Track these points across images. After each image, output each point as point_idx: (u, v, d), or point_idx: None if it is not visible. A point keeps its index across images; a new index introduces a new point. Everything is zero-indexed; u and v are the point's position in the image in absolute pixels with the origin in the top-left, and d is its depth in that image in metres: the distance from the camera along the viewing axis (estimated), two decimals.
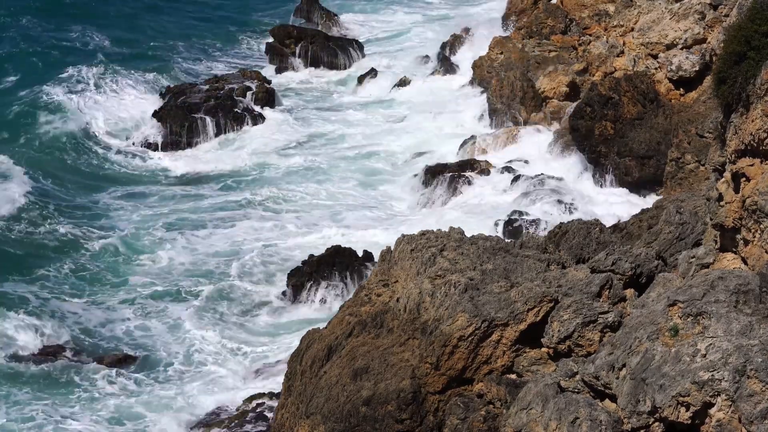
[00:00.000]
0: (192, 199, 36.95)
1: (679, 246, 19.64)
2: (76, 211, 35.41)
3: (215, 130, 43.77)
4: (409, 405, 16.42)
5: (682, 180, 31.25)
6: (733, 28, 15.56)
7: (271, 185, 38.21)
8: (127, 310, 28.69)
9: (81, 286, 29.98)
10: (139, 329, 27.84)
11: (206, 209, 36.00)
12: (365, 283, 20.19)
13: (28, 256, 31.57)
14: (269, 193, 37.28)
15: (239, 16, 64.91)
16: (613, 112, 35.68)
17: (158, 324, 28.04)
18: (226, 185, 38.50)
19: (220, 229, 34.18)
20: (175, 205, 36.43)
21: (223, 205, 36.33)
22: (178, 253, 32.17)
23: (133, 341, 27.18)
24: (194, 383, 25.07)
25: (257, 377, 25.36)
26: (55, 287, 29.61)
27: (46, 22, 57.19)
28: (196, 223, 34.52)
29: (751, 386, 12.13)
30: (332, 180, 38.62)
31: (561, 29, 45.29)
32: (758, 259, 14.69)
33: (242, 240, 33.19)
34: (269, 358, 26.23)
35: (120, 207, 36.21)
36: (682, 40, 37.27)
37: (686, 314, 13.15)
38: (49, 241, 32.71)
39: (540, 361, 16.17)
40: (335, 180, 38.62)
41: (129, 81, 50.09)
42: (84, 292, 29.55)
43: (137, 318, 28.30)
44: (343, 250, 30.08)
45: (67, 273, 30.61)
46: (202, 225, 34.43)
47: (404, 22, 63.15)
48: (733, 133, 15.19)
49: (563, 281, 16.88)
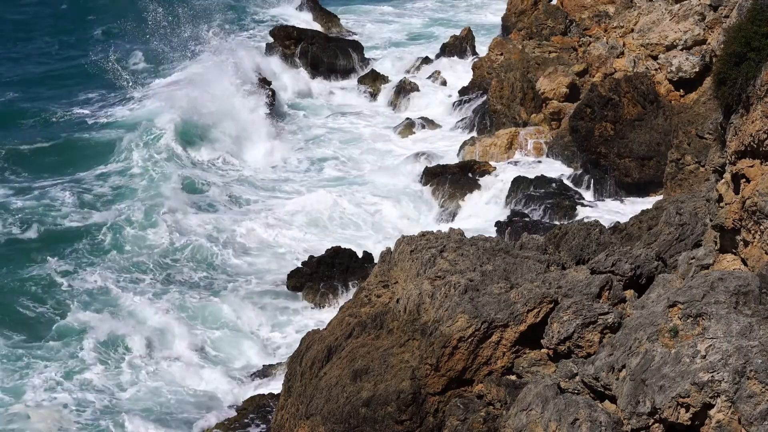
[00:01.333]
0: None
1: (679, 247, 19.64)
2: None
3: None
4: (408, 406, 16.42)
5: (682, 181, 31.25)
6: (733, 29, 15.57)
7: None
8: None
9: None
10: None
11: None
12: (365, 284, 20.19)
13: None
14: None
15: (239, 15, 65.03)
16: (613, 113, 35.69)
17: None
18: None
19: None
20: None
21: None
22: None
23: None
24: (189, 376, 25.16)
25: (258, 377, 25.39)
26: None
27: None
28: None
29: (751, 387, 12.13)
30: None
31: (561, 30, 45.35)
32: (758, 260, 14.69)
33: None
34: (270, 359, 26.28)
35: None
36: (682, 41, 37.29)
37: (686, 315, 13.15)
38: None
39: (540, 362, 16.17)
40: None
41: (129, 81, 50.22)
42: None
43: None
44: (343, 251, 30.10)
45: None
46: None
47: (404, 23, 63.20)
48: (733, 134, 15.19)
49: (563, 282, 16.88)
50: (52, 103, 47.26)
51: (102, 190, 36.41)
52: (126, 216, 33.57)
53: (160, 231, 32.69)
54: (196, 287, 29.82)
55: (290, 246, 32.90)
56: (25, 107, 46.34)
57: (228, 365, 25.92)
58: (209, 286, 30.03)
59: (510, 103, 41.32)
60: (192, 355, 26.05)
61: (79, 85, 50.25)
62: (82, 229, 32.95)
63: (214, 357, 26.24)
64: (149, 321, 27.22)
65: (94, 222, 33.45)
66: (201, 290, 29.62)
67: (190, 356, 25.93)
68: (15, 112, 45.59)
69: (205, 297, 29.16)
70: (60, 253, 31.02)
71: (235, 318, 28.00)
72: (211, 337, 27.10)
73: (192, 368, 25.48)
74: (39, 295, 28.47)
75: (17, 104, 47.04)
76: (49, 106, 46.58)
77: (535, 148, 38.79)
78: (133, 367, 25.30)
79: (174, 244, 32.08)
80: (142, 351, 25.81)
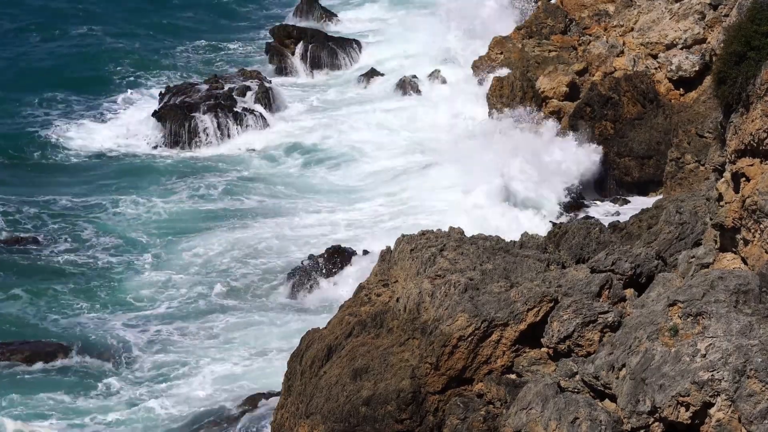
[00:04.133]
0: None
1: (678, 246, 19.65)
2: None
3: (215, 130, 43.78)
4: (408, 405, 16.42)
5: (682, 180, 31.26)
6: (733, 28, 15.57)
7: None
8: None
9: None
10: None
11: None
12: (365, 283, 20.18)
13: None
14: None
15: (239, 15, 64.96)
16: (612, 112, 35.68)
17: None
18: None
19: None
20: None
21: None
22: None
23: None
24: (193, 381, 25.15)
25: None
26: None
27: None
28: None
29: (751, 386, 12.13)
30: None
31: (561, 29, 45.28)
32: (758, 259, 14.70)
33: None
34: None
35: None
36: (682, 40, 37.27)
37: (686, 314, 13.15)
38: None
39: (540, 361, 16.17)
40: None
41: (129, 81, 50.20)
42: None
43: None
44: (343, 249, 30.11)
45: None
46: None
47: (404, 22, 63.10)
48: (733, 133, 15.20)
49: (563, 281, 16.88)
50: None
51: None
52: None
53: None
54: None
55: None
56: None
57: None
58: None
59: (510, 102, 41.30)
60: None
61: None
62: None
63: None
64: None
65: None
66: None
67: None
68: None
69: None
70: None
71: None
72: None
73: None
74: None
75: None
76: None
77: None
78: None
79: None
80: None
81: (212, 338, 27.20)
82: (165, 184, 38.27)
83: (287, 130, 44.81)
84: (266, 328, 27.80)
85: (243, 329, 27.65)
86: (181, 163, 40.86)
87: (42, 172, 39.71)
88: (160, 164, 40.78)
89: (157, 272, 30.99)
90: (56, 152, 41.51)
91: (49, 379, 25.16)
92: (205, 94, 45.81)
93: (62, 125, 44.14)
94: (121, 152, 42.04)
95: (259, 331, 27.58)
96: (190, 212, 35.85)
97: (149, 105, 46.35)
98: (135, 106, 46.92)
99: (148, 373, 25.48)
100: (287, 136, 44.04)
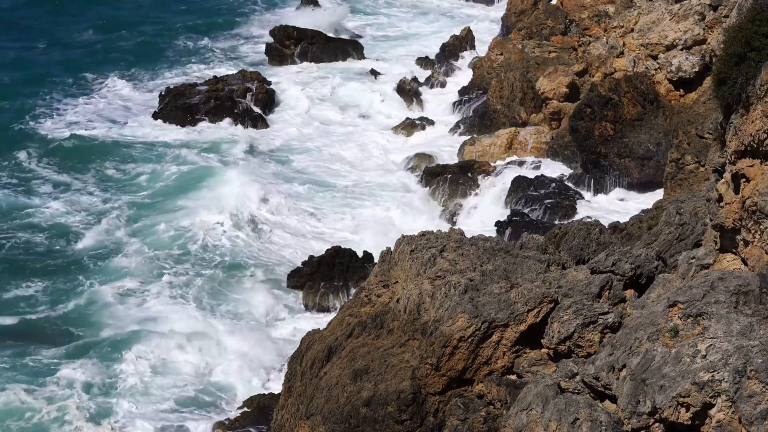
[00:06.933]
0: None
1: (679, 247, 19.65)
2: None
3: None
4: (409, 406, 16.42)
5: (682, 181, 31.27)
6: (733, 29, 15.56)
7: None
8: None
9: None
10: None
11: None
12: (365, 284, 20.18)
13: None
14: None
15: (238, 15, 65.02)
16: (612, 112, 35.70)
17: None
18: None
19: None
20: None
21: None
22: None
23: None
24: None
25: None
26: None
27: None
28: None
29: (751, 387, 12.13)
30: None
31: (561, 30, 45.35)
32: (758, 259, 14.70)
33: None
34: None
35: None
36: (682, 41, 37.30)
37: (686, 315, 13.15)
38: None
39: (540, 362, 16.17)
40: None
41: (128, 81, 50.22)
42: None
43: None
44: (343, 251, 30.10)
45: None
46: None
47: (404, 23, 63.16)
48: (733, 133, 15.20)
49: (563, 282, 16.88)
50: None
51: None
52: None
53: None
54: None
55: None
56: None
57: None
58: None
59: (510, 102, 41.32)
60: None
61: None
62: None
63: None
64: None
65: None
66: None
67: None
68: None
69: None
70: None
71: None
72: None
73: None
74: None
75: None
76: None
77: (535, 148, 38.77)
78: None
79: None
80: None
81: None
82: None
83: (287, 130, 44.87)
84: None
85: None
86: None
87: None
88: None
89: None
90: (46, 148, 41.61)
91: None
92: (205, 95, 45.88)
93: (54, 123, 44.19)
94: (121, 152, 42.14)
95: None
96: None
97: (150, 105, 46.41)
98: (134, 105, 47.01)
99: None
100: (287, 136, 44.12)
